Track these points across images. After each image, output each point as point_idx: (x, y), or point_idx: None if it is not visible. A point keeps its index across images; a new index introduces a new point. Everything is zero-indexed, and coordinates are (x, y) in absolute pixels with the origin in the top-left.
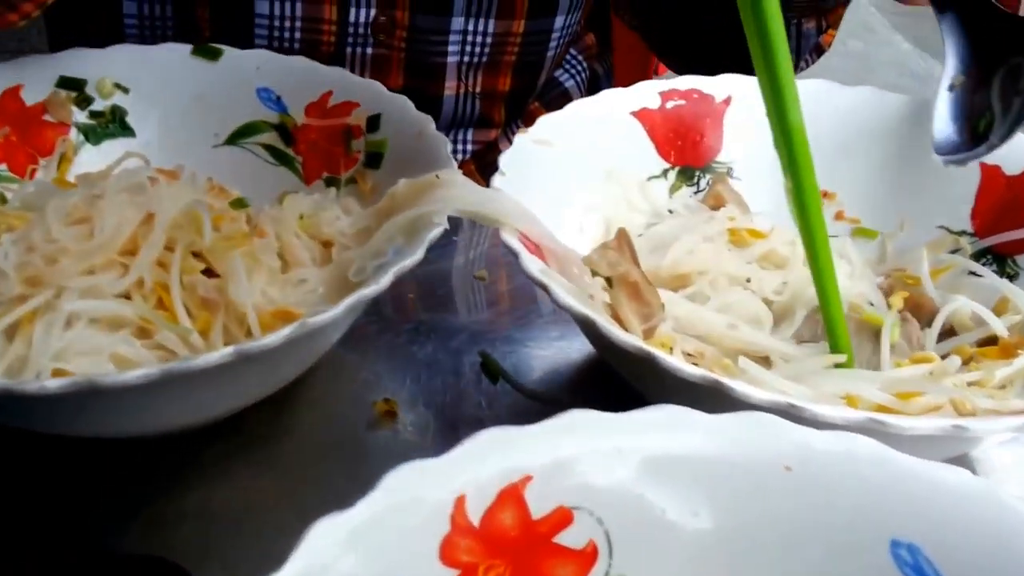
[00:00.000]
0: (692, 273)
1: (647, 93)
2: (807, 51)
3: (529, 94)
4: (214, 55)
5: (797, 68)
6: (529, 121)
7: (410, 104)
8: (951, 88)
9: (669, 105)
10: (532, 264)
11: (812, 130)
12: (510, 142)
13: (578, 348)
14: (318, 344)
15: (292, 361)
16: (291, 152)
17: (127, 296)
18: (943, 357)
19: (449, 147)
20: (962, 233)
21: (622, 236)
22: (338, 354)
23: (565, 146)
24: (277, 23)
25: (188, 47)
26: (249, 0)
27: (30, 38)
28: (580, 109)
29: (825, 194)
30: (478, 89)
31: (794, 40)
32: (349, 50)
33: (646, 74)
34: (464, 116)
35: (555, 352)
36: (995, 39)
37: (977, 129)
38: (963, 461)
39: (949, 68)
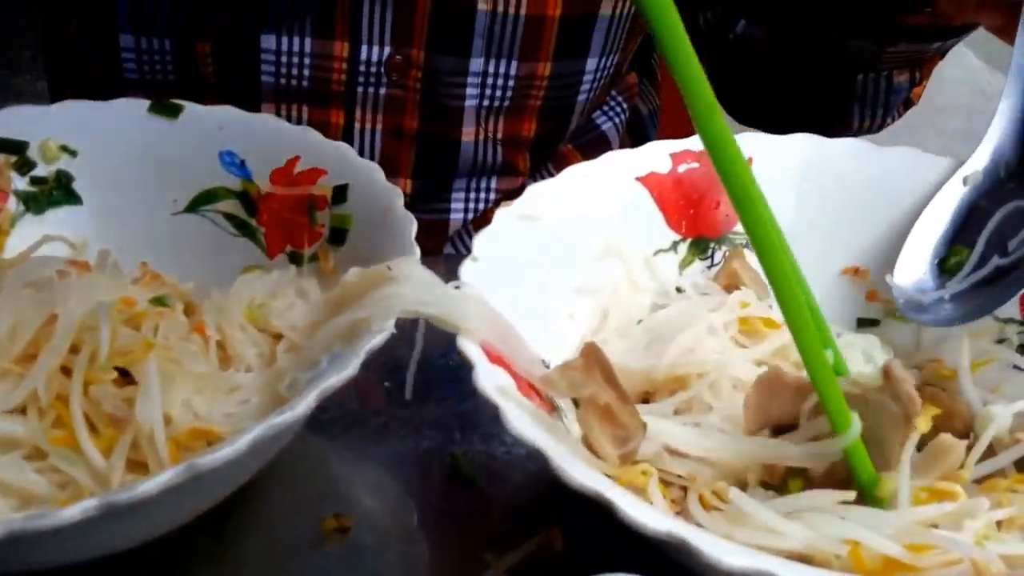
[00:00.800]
0: (691, 376)
1: (656, 155)
2: (896, 106)
3: (558, 140)
4: (173, 112)
5: (883, 123)
6: (562, 164)
7: (380, 173)
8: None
9: (681, 169)
10: (487, 379)
11: (839, 193)
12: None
13: None
14: (223, 481)
15: (188, 502)
16: (254, 223)
17: (23, 410)
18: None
19: (415, 229)
20: (1009, 321)
21: (589, 354)
22: (297, 452)
23: (555, 220)
24: (284, 59)
25: (145, 103)
26: (254, 34)
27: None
28: (576, 175)
29: (856, 271)
30: (499, 135)
31: (883, 95)
32: (360, 89)
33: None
34: (486, 163)
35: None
36: None
37: (946, 262)
38: None
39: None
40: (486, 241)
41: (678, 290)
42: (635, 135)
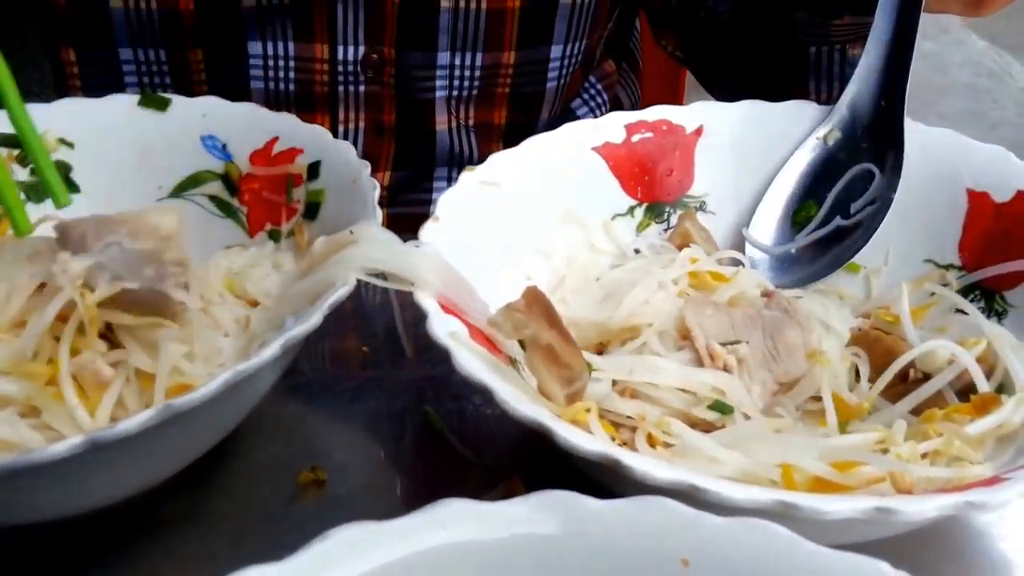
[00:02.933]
0: (643, 326)
1: (611, 126)
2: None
3: (532, 127)
4: (162, 105)
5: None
6: None
7: (352, 151)
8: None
9: (635, 139)
10: (440, 326)
11: (785, 152)
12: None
13: None
14: (201, 427)
15: (169, 449)
16: (235, 203)
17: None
18: (917, 411)
19: (377, 194)
20: (949, 267)
21: (530, 294)
22: (270, 413)
23: (516, 186)
24: (271, 63)
25: (135, 97)
26: (241, 40)
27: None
28: (536, 145)
29: None
30: (471, 122)
31: (837, 67)
32: (342, 88)
33: (676, 100)
34: (462, 152)
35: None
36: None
37: (796, 215)
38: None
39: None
40: (448, 203)
41: (636, 252)
42: None
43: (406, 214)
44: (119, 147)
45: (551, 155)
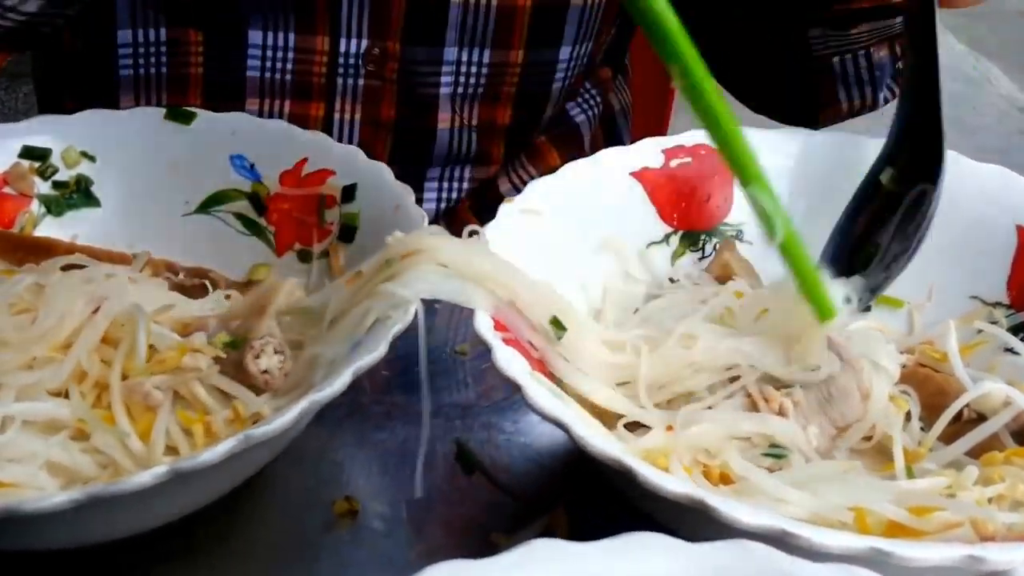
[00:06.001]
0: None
1: (649, 151)
2: (884, 81)
3: (533, 128)
4: (187, 118)
5: (876, 100)
6: (536, 156)
7: (389, 173)
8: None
9: (673, 164)
10: (507, 362)
11: (831, 184)
12: (510, 179)
13: (564, 438)
14: (260, 455)
15: (233, 472)
16: (263, 222)
17: (66, 392)
18: (972, 453)
19: (426, 223)
20: (997, 305)
21: None
22: (299, 441)
23: (556, 214)
24: (270, 53)
25: (161, 111)
26: (242, 28)
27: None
28: (574, 171)
29: None
30: (474, 122)
31: (866, 72)
32: (340, 81)
33: (664, 110)
34: (460, 151)
35: (538, 441)
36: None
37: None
38: None
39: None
40: (492, 233)
41: (671, 280)
42: (607, 129)
43: None
44: (143, 161)
45: (590, 182)
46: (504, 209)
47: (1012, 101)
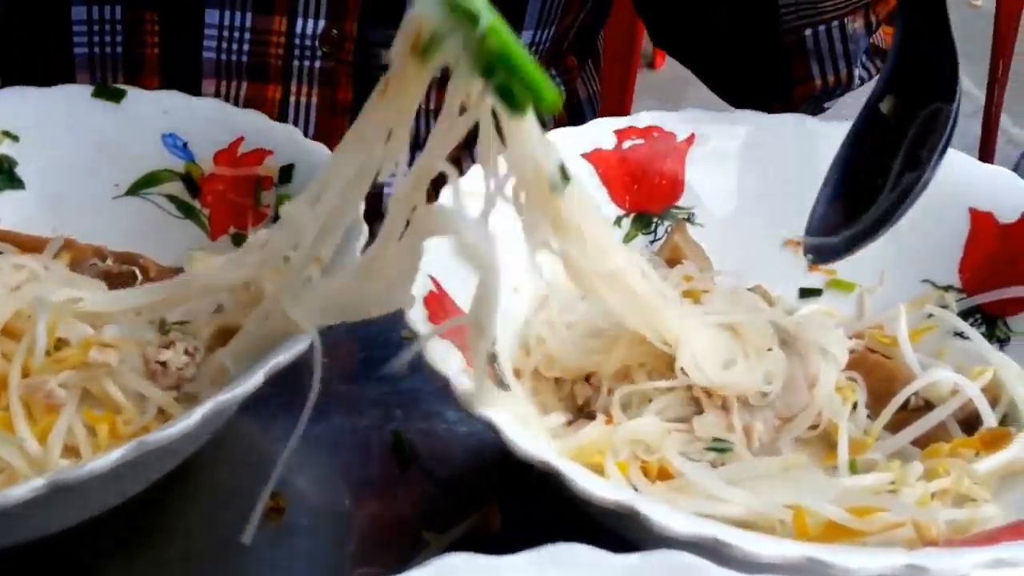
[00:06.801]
0: (634, 367)
1: (601, 132)
2: (859, 56)
3: None
4: (117, 96)
5: (851, 76)
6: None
7: (327, 153)
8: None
9: (626, 145)
10: (440, 358)
11: (781, 168)
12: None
13: None
14: (170, 456)
15: (136, 476)
16: (197, 204)
17: None
18: (918, 441)
19: (363, 207)
20: (948, 288)
21: None
22: (232, 430)
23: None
24: (226, 33)
25: (89, 88)
26: (199, 7)
27: None
28: None
29: (799, 243)
30: (432, 105)
31: (839, 45)
32: (296, 63)
33: (625, 96)
34: (421, 135)
35: (480, 431)
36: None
37: (859, 195)
38: None
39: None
40: None
41: None
42: (573, 118)
43: None
44: (71, 142)
45: None
46: (444, 194)
47: None
